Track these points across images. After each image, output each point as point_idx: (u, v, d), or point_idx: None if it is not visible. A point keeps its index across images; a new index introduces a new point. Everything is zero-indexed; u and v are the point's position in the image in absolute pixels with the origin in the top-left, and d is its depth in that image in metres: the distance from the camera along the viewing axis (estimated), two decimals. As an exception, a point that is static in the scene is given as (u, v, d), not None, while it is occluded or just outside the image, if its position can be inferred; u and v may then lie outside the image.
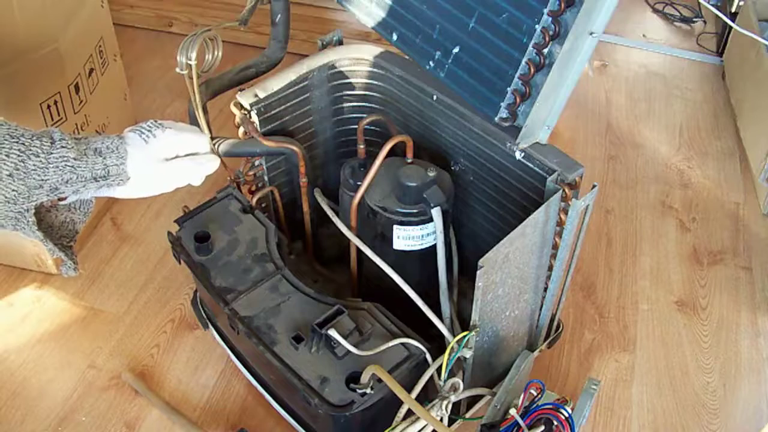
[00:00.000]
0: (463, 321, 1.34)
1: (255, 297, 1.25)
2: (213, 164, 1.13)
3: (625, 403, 1.47)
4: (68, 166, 0.96)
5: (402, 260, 1.31)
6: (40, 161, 0.95)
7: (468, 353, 1.18)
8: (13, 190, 0.94)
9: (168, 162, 1.08)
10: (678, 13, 2.60)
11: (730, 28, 2.23)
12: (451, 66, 1.17)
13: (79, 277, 1.64)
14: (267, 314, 1.23)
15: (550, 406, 1.22)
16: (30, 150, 0.94)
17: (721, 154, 2.06)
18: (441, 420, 1.17)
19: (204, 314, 1.50)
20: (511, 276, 1.18)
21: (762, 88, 1.99)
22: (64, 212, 1.09)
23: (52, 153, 0.95)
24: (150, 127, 1.07)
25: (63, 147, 0.96)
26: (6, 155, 0.93)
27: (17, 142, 0.94)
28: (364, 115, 1.40)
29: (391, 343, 1.17)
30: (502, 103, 1.10)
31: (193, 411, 1.43)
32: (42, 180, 0.95)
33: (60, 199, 1.03)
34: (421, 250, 1.31)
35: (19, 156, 0.93)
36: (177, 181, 1.10)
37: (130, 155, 1.02)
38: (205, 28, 1.27)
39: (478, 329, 1.16)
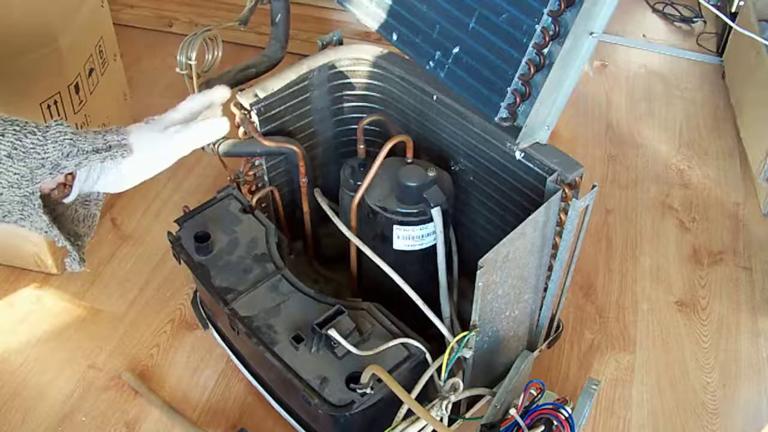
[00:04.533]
0: (463, 321, 1.34)
1: (255, 297, 1.25)
2: (220, 125, 1.11)
3: (625, 403, 1.47)
4: (67, 139, 0.96)
5: (402, 260, 1.31)
6: (38, 139, 0.94)
7: (468, 353, 1.18)
8: (15, 173, 0.94)
9: (172, 128, 1.07)
10: (678, 13, 2.60)
11: (730, 28, 2.23)
12: (451, 66, 1.17)
13: (79, 277, 1.64)
14: (267, 314, 1.23)
15: (550, 406, 1.22)
16: (26, 129, 0.94)
17: (721, 154, 2.06)
18: (441, 420, 1.17)
19: (204, 314, 1.50)
20: (511, 276, 1.18)
21: (762, 88, 1.98)
22: (69, 225, 1.08)
23: (48, 130, 0.95)
24: (149, 118, 1.09)
25: (59, 124, 0.97)
26: (1, 135, 0.92)
27: (11, 124, 0.94)
28: (364, 115, 1.40)
29: (391, 343, 1.17)
30: (502, 103, 1.10)
31: (192, 411, 1.43)
32: (42, 158, 0.95)
33: (65, 186, 1.01)
34: (421, 250, 1.31)
35: (15, 135, 0.93)
36: (186, 144, 1.08)
37: (130, 130, 1.03)
38: (205, 28, 1.27)
39: (478, 329, 1.16)
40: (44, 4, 1.46)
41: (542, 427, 1.20)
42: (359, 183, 1.31)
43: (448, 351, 1.15)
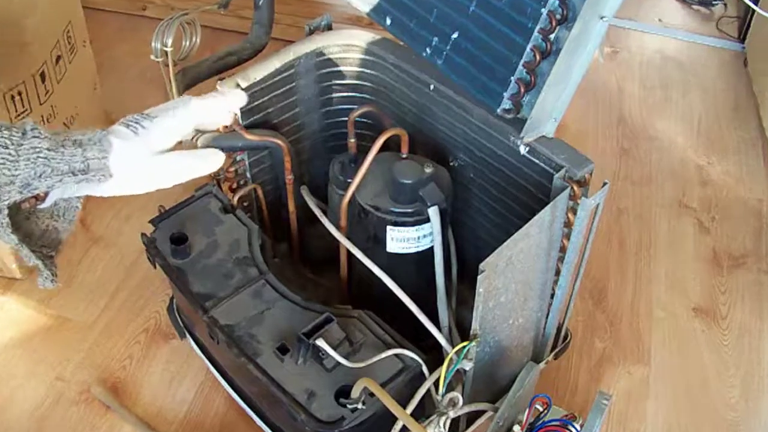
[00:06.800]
0: (462, 330, 1.34)
1: (236, 304, 1.25)
2: (216, 159, 1.09)
3: (639, 418, 1.47)
4: (41, 158, 0.92)
5: (396, 264, 1.31)
6: (9, 153, 0.91)
7: (468, 365, 1.18)
8: None
9: (161, 156, 1.03)
10: (696, -5, 2.61)
11: (753, 11, 2.24)
12: (450, 53, 1.17)
13: (46, 283, 1.64)
14: (249, 323, 1.23)
15: (557, 423, 1.22)
16: None
17: (742, 147, 2.06)
18: (439, 437, 1.18)
19: (181, 323, 1.50)
20: (514, 281, 1.18)
21: (787, 76, 1.99)
22: (46, 219, 1.05)
23: (22, 144, 0.91)
24: (137, 119, 1.03)
25: (35, 137, 0.92)
26: None
27: None
28: (355, 107, 1.40)
29: (384, 354, 1.17)
30: (504, 94, 1.10)
31: (169, 427, 1.43)
32: (12, 175, 0.91)
33: (37, 198, 1.00)
34: (417, 252, 1.32)
35: None
36: (172, 177, 1.05)
37: (115, 149, 0.98)
38: (182, 12, 1.27)
39: (478, 339, 1.16)
40: (7, -14, 1.46)
41: (549, 445, 1.21)
42: (349, 180, 1.31)
43: (446, 362, 1.15)
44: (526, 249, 1.16)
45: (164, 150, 1.05)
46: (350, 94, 1.48)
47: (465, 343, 1.15)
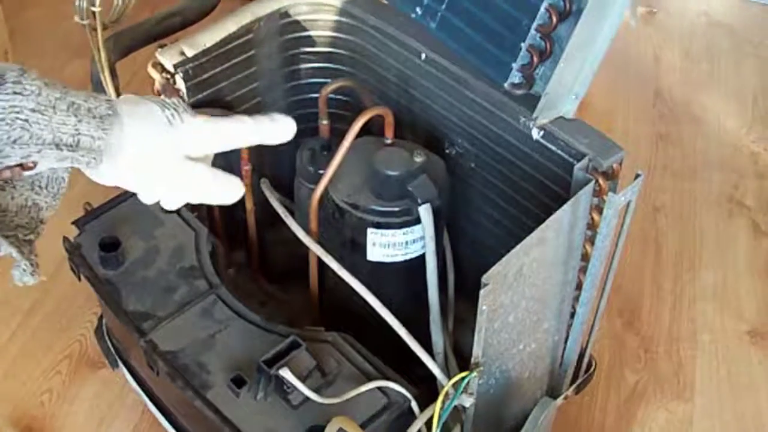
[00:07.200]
0: (461, 358, 1.34)
1: (181, 325, 1.25)
2: (237, 188, 1.07)
3: (680, 466, 1.48)
4: (19, 119, 0.89)
5: (379, 275, 1.32)
6: None
7: (468, 401, 1.18)
8: None
9: (188, 162, 1.00)
10: (751, -56, 2.62)
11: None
12: (446, 13, 1.17)
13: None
14: (197, 348, 1.22)
15: (579, 472, 1.23)
16: None
17: (808, 132, 2.07)
18: (432, 490, 1.18)
19: (112, 348, 1.50)
20: (525, 297, 1.18)
21: None
22: (25, 191, 1.02)
23: None
24: (178, 105, 1.00)
25: (17, 93, 0.89)
26: None
27: None
28: (329, 81, 1.40)
29: (364, 388, 1.17)
30: (513, 64, 1.10)
31: (97, 478, 1.43)
32: None
33: (23, 167, 0.96)
34: (405, 261, 1.32)
35: None
36: (191, 192, 1.03)
37: (132, 132, 0.95)
38: (114, -38, 1.27)
39: (481, 369, 1.16)
40: None
41: (568, 500, 1.21)
42: (321, 171, 1.31)
43: (441, 398, 1.16)
44: (541, 257, 1.16)
45: (191, 157, 1.01)
46: (322, 65, 1.48)
47: (464, 374, 1.15)
